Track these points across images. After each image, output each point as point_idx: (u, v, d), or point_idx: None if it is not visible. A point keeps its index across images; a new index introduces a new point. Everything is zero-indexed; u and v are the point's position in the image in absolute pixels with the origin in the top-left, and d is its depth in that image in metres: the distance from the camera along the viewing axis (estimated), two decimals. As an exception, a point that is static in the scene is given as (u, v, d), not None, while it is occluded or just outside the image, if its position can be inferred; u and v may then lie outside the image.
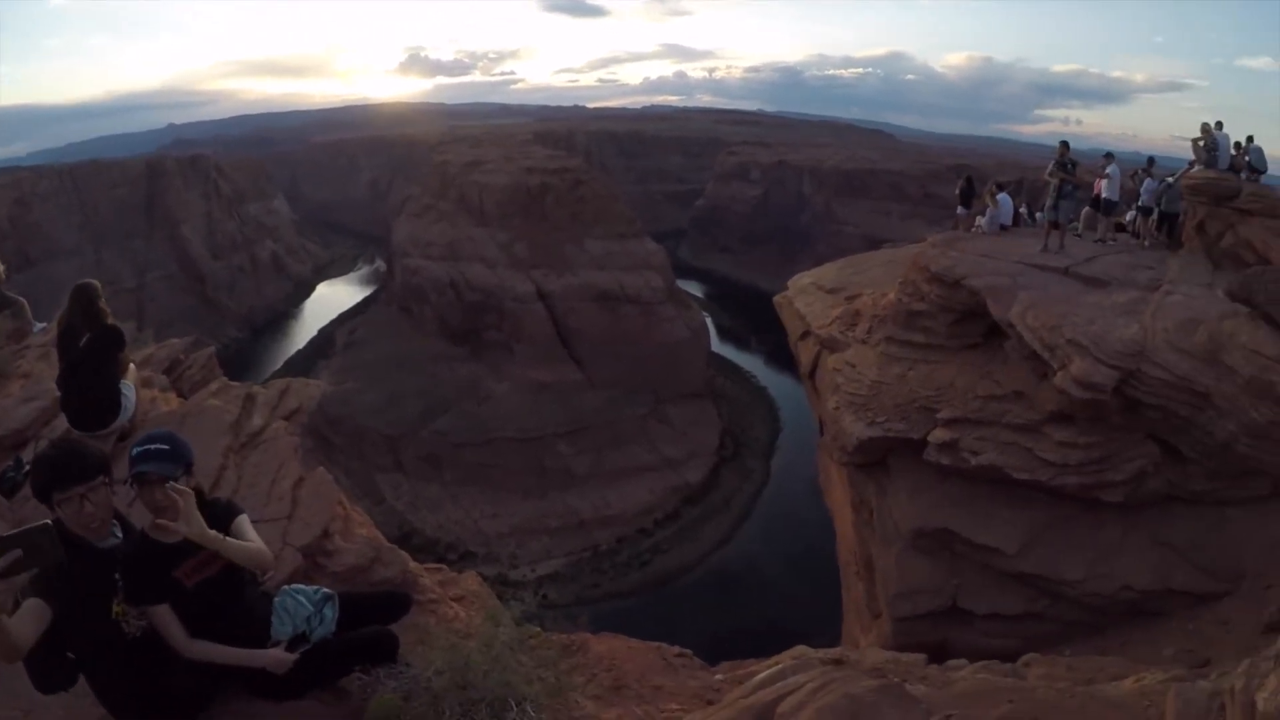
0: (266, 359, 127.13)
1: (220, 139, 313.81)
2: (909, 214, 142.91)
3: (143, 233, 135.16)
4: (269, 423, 10.53)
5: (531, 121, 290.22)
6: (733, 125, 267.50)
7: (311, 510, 8.72)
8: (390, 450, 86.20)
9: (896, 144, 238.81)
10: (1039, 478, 15.72)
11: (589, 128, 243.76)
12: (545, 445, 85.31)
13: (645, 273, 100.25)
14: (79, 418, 9.26)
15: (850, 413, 18.61)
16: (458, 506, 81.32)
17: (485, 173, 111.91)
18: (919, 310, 19.86)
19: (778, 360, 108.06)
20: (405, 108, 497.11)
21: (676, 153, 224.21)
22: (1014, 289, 18.17)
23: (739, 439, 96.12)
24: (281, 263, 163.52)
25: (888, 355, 19.72)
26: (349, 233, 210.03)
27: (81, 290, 9.49)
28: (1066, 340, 15.77)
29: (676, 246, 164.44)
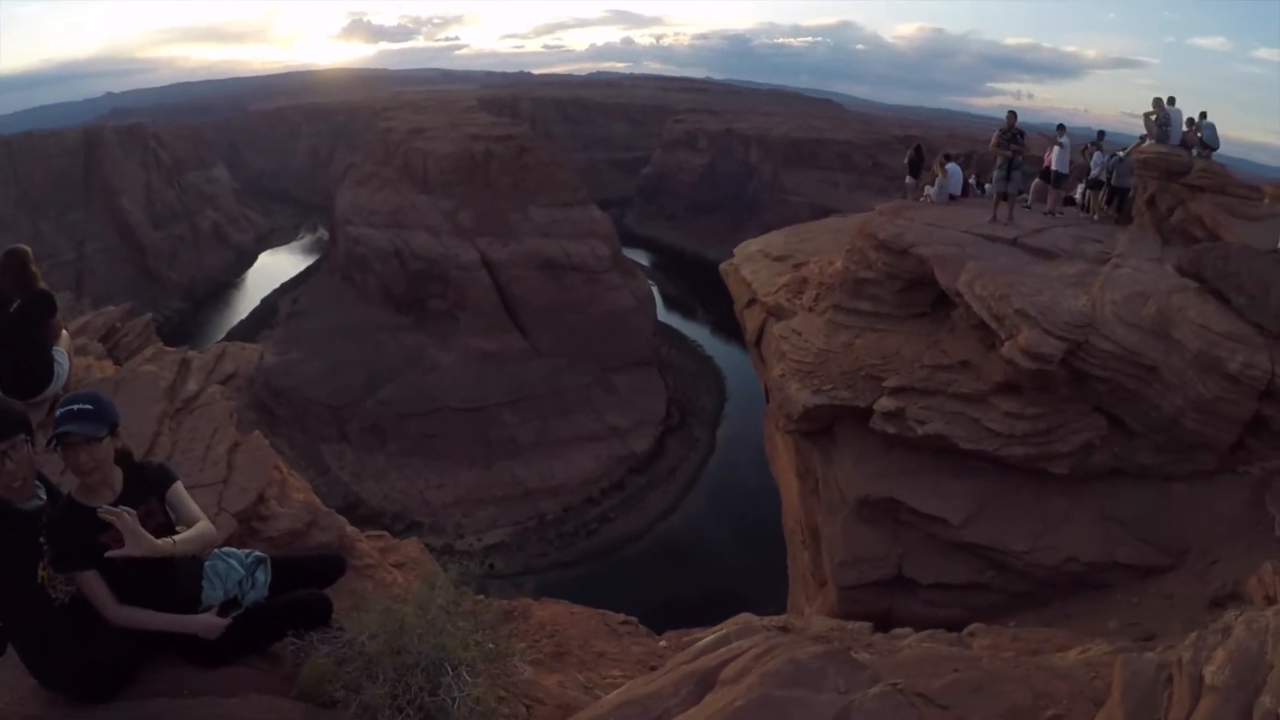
0: (209, 330, 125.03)
1: (159, 107, 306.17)
2: (857, 184, 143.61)
3: (81, 204, 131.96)
4: (204, 387, 10.38)
5: (476, 88, 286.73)
6: (680, 93, 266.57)
7: (247, 475, 8.56)
8: (334, 421, 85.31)
9: (845, 114, 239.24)
10: (985, 448, 15.72)
11: (534, 94, 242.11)
12: (490, 415, 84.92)
13: (591, 241, 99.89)
14: (11, 385, 8.80)
15: (796, 380, 18.45)
16: (403, 477, 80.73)
17: (429, 140, 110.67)
18: (866, 278, 19.75)
19: (724, 329, 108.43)
20: (347, 74, 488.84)
21: (622, 120, 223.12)
22: (962, 258, 18.13)
23: (685, 408, 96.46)
24: (223, 232, 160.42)
25: (834, 323, 19.59)
26: (291, 201, 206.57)
27: (12, 255, 9.16)
28: (1014, 310, 15.76)
29: (622, 215, 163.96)
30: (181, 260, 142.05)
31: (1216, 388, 14.33)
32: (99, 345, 12.77)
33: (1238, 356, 14.30)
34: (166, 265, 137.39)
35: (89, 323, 14.31)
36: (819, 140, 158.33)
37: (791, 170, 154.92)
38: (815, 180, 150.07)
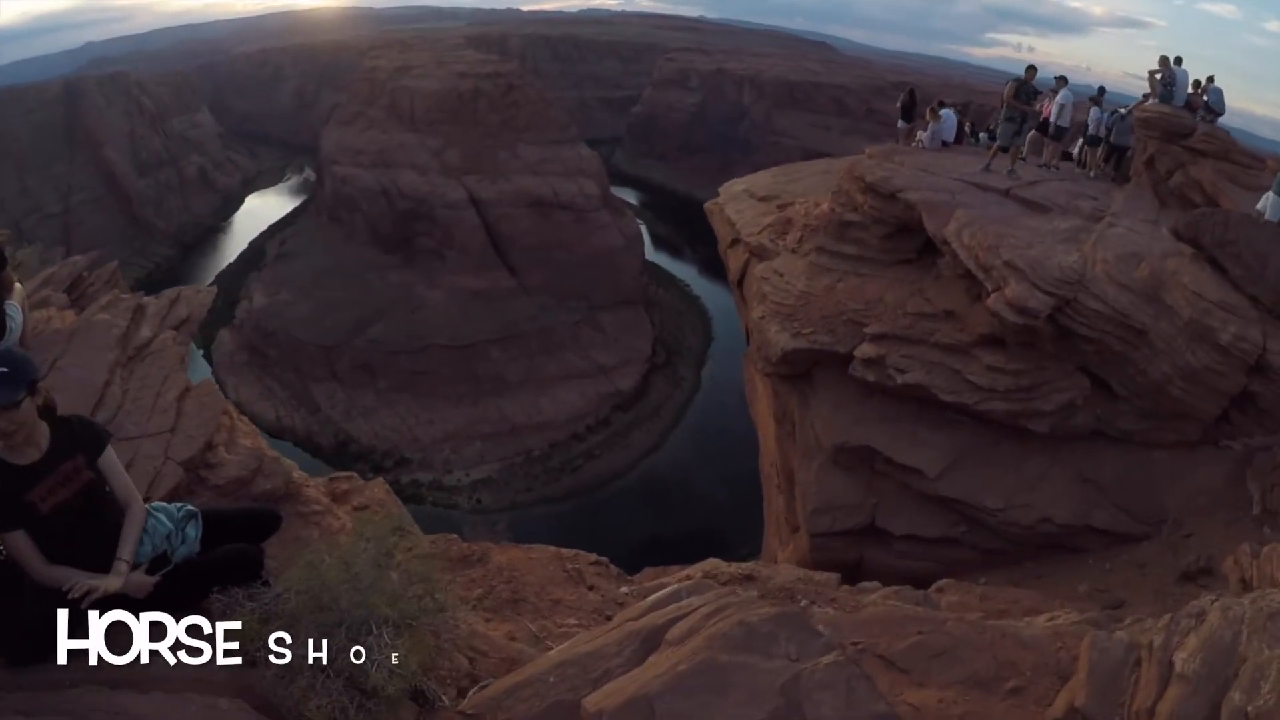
0: (197, 274, 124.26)
1: (140, 54, 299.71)
2: (850, 129, 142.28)
3: (65, 156, 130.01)
4: (158, 334, 10.29)
5: (464, 25, 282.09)
6: (672, 31, 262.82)
7: (195, 422, 8.48)
8: (325, 360, 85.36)
9: (840, 58, 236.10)
10: (965, 401, 15.63)
11: (523, 31, 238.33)
12: (478, 352, 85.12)
13: (580, 179, 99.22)
14: None
15: (776, 323, 18.30)
16: (392, 414, 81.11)
17: (415, 78, 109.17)
18: (852, 221, 19.50)
19: (712, 270, 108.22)
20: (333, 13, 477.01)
21: (613, 58, 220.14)
22: (952, 205, 17.84)
23: (671, 347, 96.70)
24: (209, 177, 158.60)
25: (817, 266, 19.36)
26: (276, 143, 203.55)
27: None
28: (1003, 262, 15.49)
29: (612, 153, 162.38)
30: (168, 207, 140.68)
31: (1206, 357, 14.17)
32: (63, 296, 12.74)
33: (1230, 328, 14.11)
34: (154, 212, 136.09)
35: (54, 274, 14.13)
36: (813, 83, 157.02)
37: (784, 112, 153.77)
38: (808, 123, 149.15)
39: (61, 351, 9.25)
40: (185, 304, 11.48)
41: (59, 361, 9.03)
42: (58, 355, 9.16)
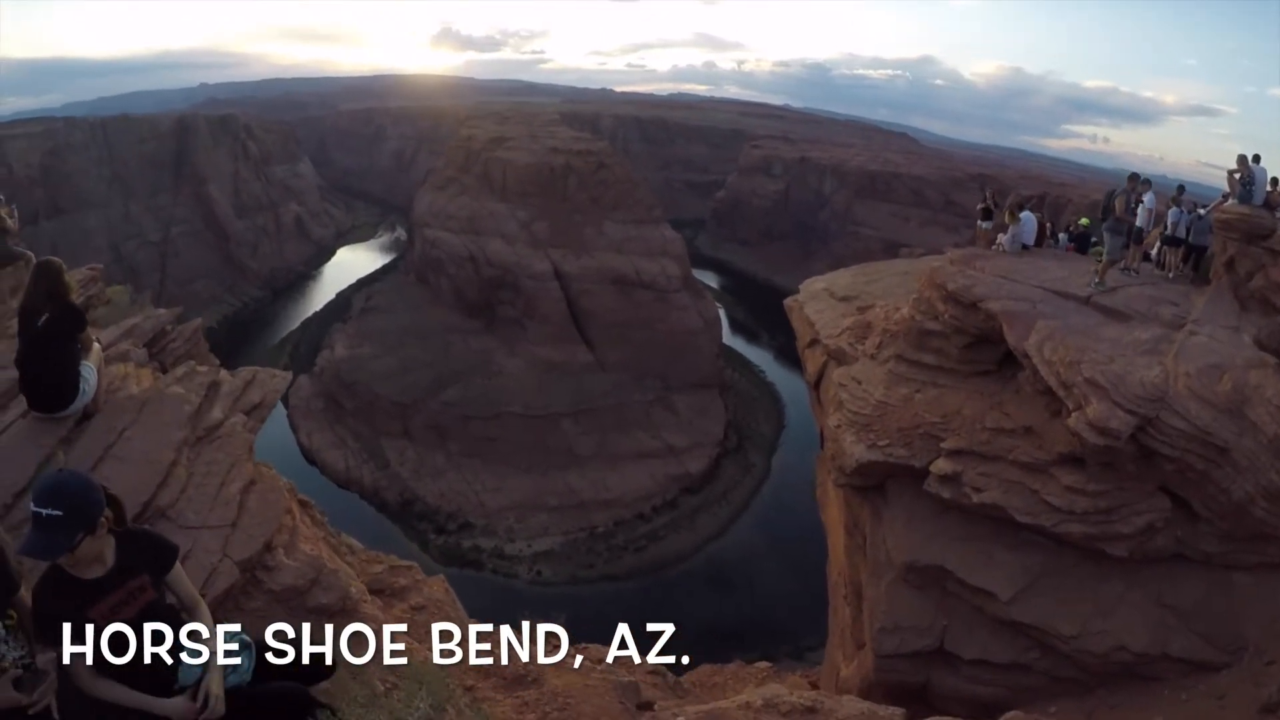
0: (284, 318, 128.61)
1: (251, 100, 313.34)
2: (929, 220, 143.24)
3: (170, 188, 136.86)
4: (229, 416, 10.16)
5: (559, 102, 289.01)
6: (758, 118, 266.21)
7: (257, 520, 8.42)
8: (399, 417, 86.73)
9: (921, 149, 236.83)
10: (1042, 523, 14.99)
11: (615, 111, 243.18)
12: (551, 423, 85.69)
13: (662, 260, 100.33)
14: (36, 399, 8.99)
15: (852, 432, 17.88)
16: (460, 477, 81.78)
17: (510, 150, 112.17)
18: (932, 330, 18.99)
19: (788, 357, 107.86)
20: (435, 81, 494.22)
21: (700, 142, 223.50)
22: (1033, 315, 17.35)
23: (743, 432, 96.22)
24: (304, 226, 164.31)
25: (896, 374, 18.98)
26: (372, 200, 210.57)
27: (44, 267, 9.11)
28: (1084, 379, 14.99)
29: (695, 236, 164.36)
30: (263, 250, 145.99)
31: (1289, 476, 13.50)
32: (142, 351, 12.77)
33: (1314, 445, 13.37)
34: (248, 253, 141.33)
35: (136, 326, 14.11)
36: (893, 174, 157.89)
37: (864, 202, 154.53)
38: (887, 214, 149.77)
39: (131, 421, 9.21)
40: (259, 388, 11.38)
41: (127, 431, 9.01)
42: (127, 425, 9.13)
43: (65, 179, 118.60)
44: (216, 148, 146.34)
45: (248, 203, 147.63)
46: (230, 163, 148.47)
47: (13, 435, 8.89)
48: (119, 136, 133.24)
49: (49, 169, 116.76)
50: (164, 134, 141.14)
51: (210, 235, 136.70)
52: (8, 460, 8.34)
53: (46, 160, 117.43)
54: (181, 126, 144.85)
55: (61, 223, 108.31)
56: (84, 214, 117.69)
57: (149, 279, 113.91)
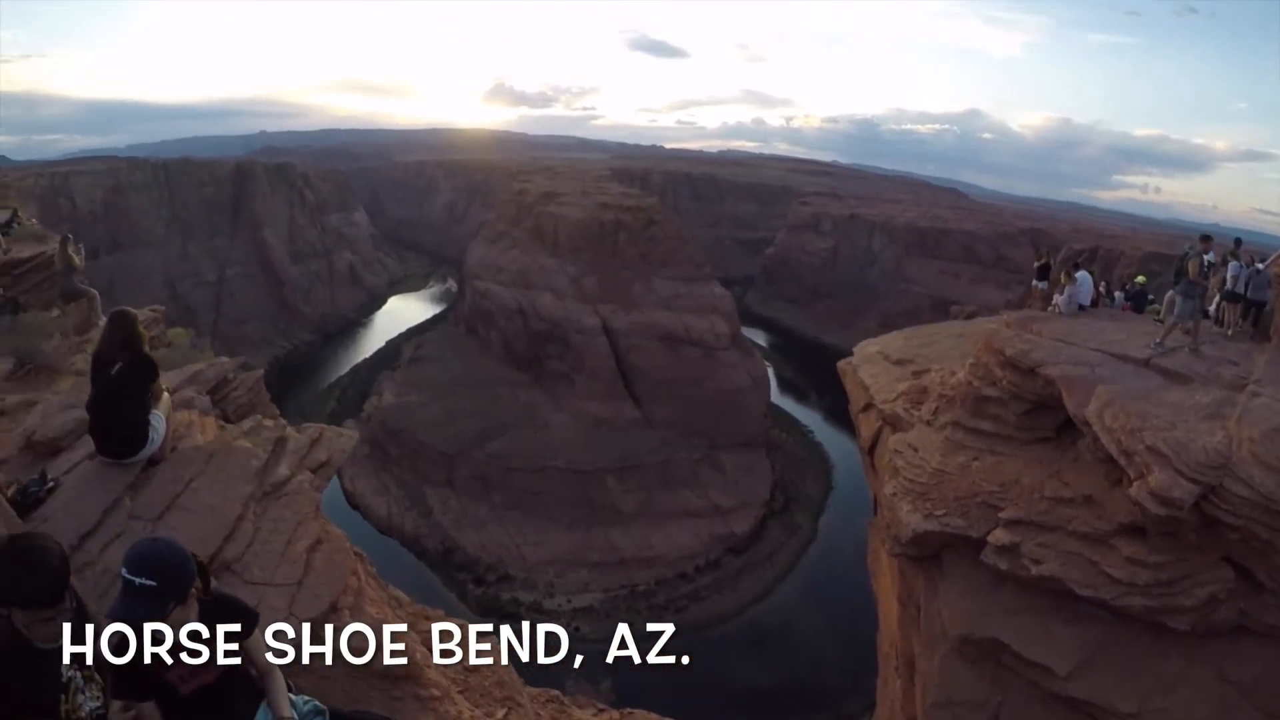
0: (334, 363, 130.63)
1: (308, 149, 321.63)
2: (979, 276, 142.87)
3: (227, 231, 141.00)
4: (295, 474, 10.24)
5: (609, 158, 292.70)
6: (807, 175, 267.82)
7: (323, 579, 8.46)
8: (444, 466, 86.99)
9: (970, 203, 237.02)
10: (1102, 595, 14.58)
11: (665, 168, 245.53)
12: (595, 479, 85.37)
13: (711, 317, 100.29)
14: (107, 446, 9.21)
15: (908, 501, 17.54)
16: (502, 529, 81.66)
17: (561, 205, 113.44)
18: (989, 396, 18.69)
19: (836, 417, 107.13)
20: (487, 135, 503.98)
21: (750, 199, 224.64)
22: (1092, 380, 17.02)
23: (790, 493, 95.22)
24: (357, 273, 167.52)
25: (952, 441, 18.63)
26: (424, 251, 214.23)
27: (119, 317, 9.34)
28: (1146, 447, 14.56)
29: (744, 293, 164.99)
30: (315, 295, 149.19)
31: (1356, 546, 13.00)
32: (205, 399, 13.03)
33: (1382, 513, 12.94)
34: (301, 298, 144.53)
35: (200, 372, 14.39)
36: (943, 230, 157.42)
37: (914, 259, 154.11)
38: (937, 270, 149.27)
39: (199, 472, 9.34)
40: (326, 447, 11.44)
41: (194, 482, 9.12)
42: (194, 476, 9.25)
43: (126, 216, 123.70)
44: (273, 194, 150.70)
45: (302, 249, 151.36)
46: (286, 209, 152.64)
47: (80, 476, 9.10)
48: (180, 179, 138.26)
49: (111, 206, 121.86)
50: (223, 178, 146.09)
51: (264, 279, 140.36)
52: (76, 501, 8.56)
53: (109, 197, 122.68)
54: (240, 172, 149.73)
55: (120, 258, 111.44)
56: (142, 251, 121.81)
57: (204, 318, 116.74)
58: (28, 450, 10.26)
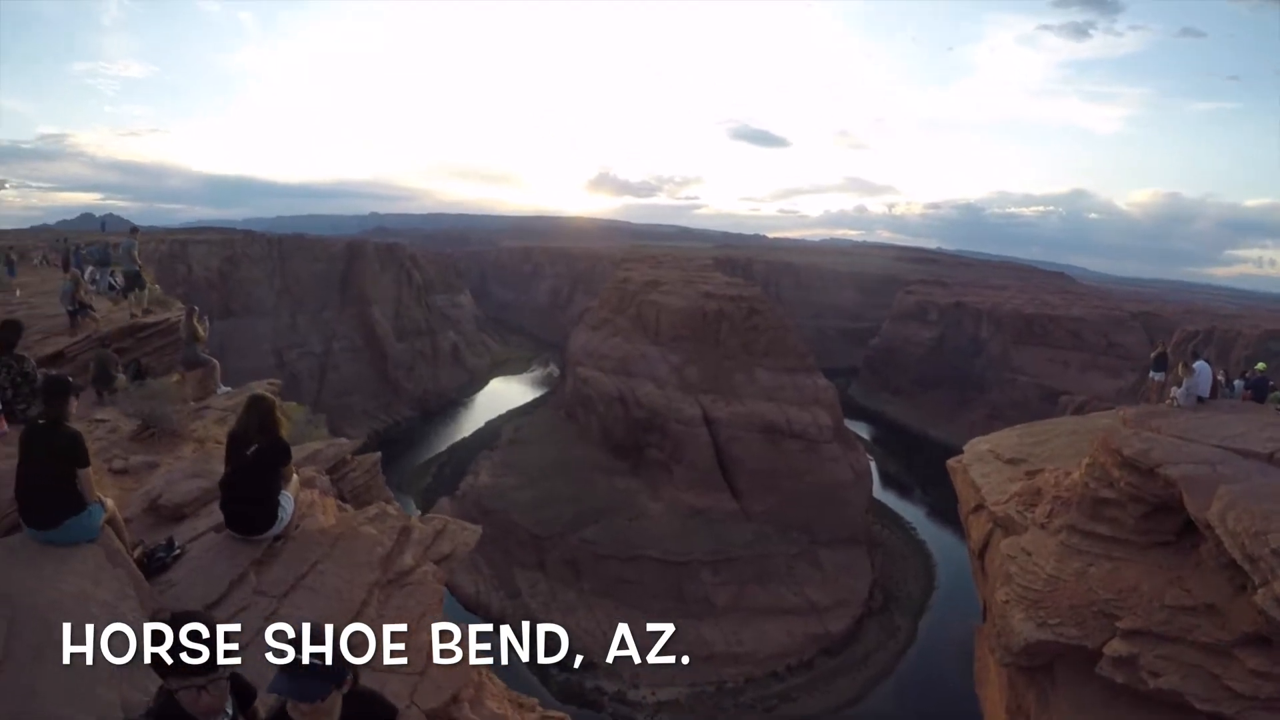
0: (433, 440, 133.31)
1: (418, 232, 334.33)
2: (1089, 364, 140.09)
3: (335, 305, 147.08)
4: (420, 564, 10.44)
5: (712, 246, 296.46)
6: (911, 263, 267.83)
7: (446, 670, 8.51)
8: (535, 549, 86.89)
9: (1078, 287, 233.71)
10: (1223, 710, 13.72)
11: (768, 256, 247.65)
12: (689, 570, 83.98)
13: (814, 408, 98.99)
14: (236, 522, 9.57)
15: (1020, 609, 16.93)
16: (590, 615, 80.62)
17: (664, 293, 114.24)
18: (1106, 498, 17.73)
19: (941, 514, 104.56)
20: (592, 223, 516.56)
21: (853, 288, 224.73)
22: (1214, 479, 16.01)
23: (890, 592, 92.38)
24: (460, 353, 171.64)
25: (1068, 546, 17.72)
26: (527, 334, 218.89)
27: (259, 400, 9.79)
28: (1272, 550, 13.65)
29: (848, 384, 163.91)
30: (418, 372, 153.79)
31: None
32: (325, 478, 13.26)
33: None
34: (404, 375, 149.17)
35: (319, 451, 14.87)
36: (1050, 316, 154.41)
37: (1021, 347, 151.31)
38: (1045, 359, 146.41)
39: (324, 555, 9.60)
40: (450, 539, 11.63)
41: (320, 564, 9.36)
42: (319, 558, 9.50)
43: (239, 285, 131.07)
44: (382, 273, 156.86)
45: (408, 327, 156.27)
46: (394, 288, 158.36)
47: (206, 547, 9.58)
48: (293, 253, 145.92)
49: (225, 274, 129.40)
50: (334, 255, 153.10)
51: (369, 354, 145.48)
52: (203, 571, 9.03)
53: (224, 266, 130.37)
54: (351, 250, 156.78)
55: (232, 324, 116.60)
56: (253, 319, 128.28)
57: (307, 387, 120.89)
58: (151, 512, 10.75)
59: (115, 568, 8.30)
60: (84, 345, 21.15)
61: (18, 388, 12.26)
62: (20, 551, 8.16)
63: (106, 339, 21.70)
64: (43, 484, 8.27)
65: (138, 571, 8.67)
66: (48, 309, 24.99)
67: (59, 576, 7.82)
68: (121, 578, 8.21)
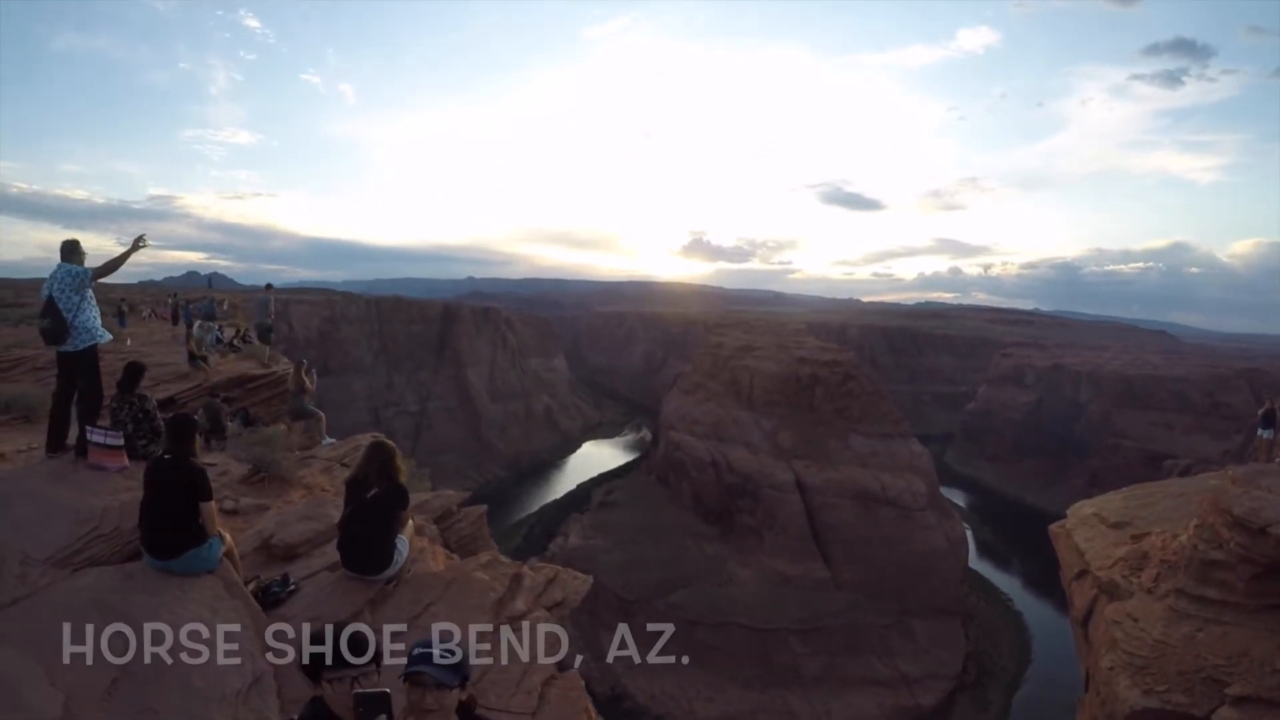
0: (525, 501, 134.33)
1: (513, 296, 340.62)
2: (1193, 426, 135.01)
3: (431, 366, 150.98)
4: (531, 610, 10.67)
5: (806, 311, 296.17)
6: (1007, 325, 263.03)
7: (558, 713, 8.65)
8: (623, 612, 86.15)
9: (1180, 346, 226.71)
10: None
11: (862, 321, 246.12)
12: (778, 638, 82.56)
13: (908, 475, 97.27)
14: (353, 562, 9.95)
15: (1126, 676, 16.32)
16: (675, 681, 79.57)
17: (757, 358, 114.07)
18: (1216, 560, 17.18)
19: (1038, 585, 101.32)
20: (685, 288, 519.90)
21: (948, 352, 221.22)
22: None
23: (983, 665, 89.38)
24: (553, 416, 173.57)
25: (1176, 611, 17.18)
26: (620, 399, 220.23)
27: (380, 446, 10.20)
28: None
29: (943, 451, 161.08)
30: (511, 434, 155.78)
31: None
32: (434, 527, 13.70)
33: None
34: (497, 435, 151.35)
35: (428, 502, 15.29)
36: (1152, 376, 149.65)
37: (1123, 410, 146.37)
38: (1148, 421, 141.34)
39: (437, 598, 9.86)
40: (561, 588, 11.93)
41: (433, 606, 9.59)
42: (433, 600, 9.76)
43: (338, 345, 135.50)
44: (478, 335, 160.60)
45: (502, 389, 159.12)
46: (489, 350, 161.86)
47: (321, 585, 9.98)
48: (390, 314, 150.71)
49: (325, 334, 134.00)
50: (431, 317, 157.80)
51: (463, 414, 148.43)
52: (317, 606, 9.35)
53: (324, 326, 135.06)
54: (448, 313, 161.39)
55: (330, 382, 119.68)
56: (351, 377, 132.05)
57: (403, 445, 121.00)
58: (263, 550, 11.16)
59: (233, 599, 8.67)
60: (194, 393, 22.04)
61: (139, 424, 12.69)
62: (140, 578, 8.54)
63: (216, 389, 22.56)
64: (167, 515, 8.72)
65: (254, 603, 9.06)
66: (158, 357, 26.12)
67: (179, 604, 8.15)
68: (239, 608, 8.56)
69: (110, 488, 10.88)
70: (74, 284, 12.24)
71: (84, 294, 12.36)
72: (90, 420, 12.39)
